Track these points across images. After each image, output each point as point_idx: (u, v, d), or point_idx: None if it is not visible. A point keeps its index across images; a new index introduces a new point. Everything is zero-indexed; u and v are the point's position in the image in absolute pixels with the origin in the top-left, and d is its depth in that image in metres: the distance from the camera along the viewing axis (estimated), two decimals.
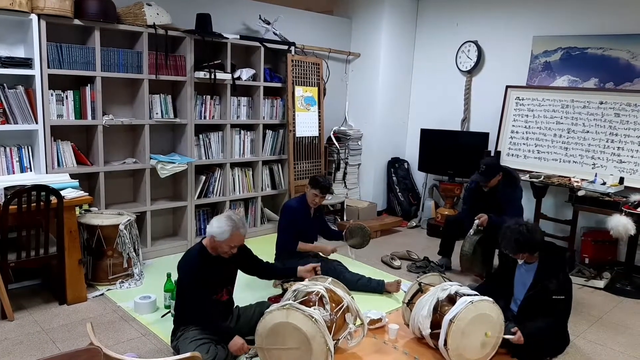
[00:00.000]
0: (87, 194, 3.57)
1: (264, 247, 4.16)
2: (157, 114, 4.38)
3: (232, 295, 3.00)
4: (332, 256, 4.18)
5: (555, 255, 3.16)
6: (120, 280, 3.84)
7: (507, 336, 2.87)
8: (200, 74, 4.43)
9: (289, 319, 2.57)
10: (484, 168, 4.07)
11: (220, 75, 4.55)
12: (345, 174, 6.05)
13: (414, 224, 6.00)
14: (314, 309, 2.67)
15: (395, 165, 6.27)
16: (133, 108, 4.35)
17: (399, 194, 6.19)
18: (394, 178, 6.23)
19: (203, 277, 2.72)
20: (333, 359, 2.61)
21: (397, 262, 4.59)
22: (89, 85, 3.95)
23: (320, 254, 4.03)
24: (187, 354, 1.48)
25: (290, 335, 2.58)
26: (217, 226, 2.69)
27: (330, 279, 3.03)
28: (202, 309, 2.70)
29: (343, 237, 4.14)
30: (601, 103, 4.73)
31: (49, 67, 3.72)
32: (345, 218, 5.69)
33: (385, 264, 4.62)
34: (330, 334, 2.66)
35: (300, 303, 2.79)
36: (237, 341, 2.69)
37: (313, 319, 2.56)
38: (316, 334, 2.54)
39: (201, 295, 2.71)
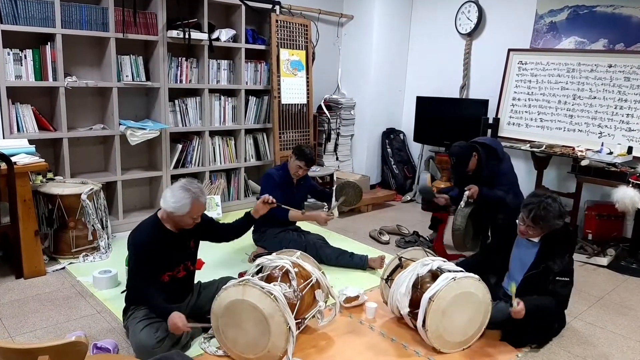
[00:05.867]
0: (42, 160, 3.28)
1: None
2: (127, 76, 4.07)
3: (192, 271, 2.71)
4: (314, 230, 3.92)
5: (565, 235, 2.80)
6: (84, 253, 3.59)
7: (512, 307, 2.51)
8: (174, 33, 4.10)
9: (245, 297, 2.30)
10: (454, 160, 3.75)
11: (195, 35, 4.22)
12: (336, 145, 5.74)
13: (409, 198, 5.69)
14: (274, 284, 2.39)
15: (390, 136, 5.93)
16: (101, 70, 4.04)
17: (394, 166, 5.87)
18: (389, 150, 5.90)
19: (156, 252, 2.41)
20: (295, 339, 2.34)
21: (385, 237, 4.30)
22: (49, 43, 3.65)
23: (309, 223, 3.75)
24: (72, 338, 1.21)
25: (247, 314, 2.31)
26: (174, 201, 2.37)
27: (298, 252, 2.74)
28: (148, 287, 2.41)
29: (333, 194, 3.84)
30: (610, 66, 4.34)
31: (2, 23, 3.43)
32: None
33: (373, 238, 4.33)
34: (294, 312, 2.39)
35: (265, 279, 2.53)
36: (173, 317, 2.29)
37: (272, 296, 2.28)
38: (275, 312, 2.27)
39: (149, 272, 2.42)
